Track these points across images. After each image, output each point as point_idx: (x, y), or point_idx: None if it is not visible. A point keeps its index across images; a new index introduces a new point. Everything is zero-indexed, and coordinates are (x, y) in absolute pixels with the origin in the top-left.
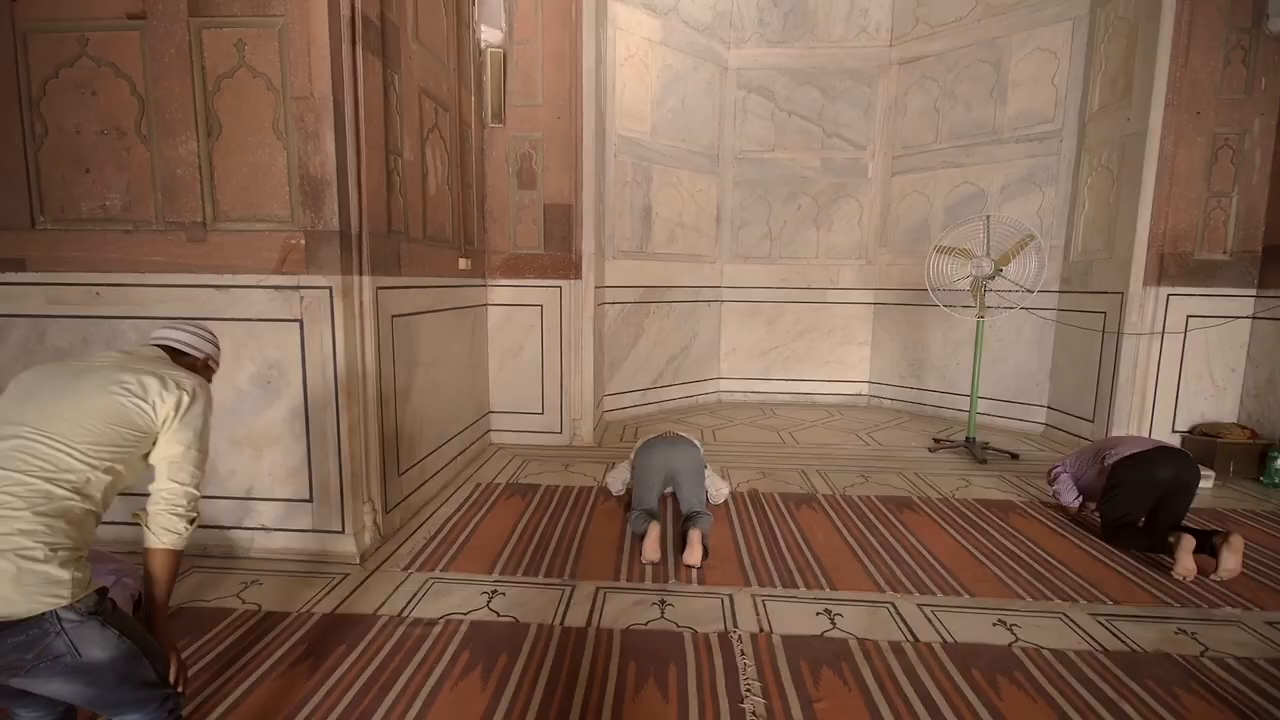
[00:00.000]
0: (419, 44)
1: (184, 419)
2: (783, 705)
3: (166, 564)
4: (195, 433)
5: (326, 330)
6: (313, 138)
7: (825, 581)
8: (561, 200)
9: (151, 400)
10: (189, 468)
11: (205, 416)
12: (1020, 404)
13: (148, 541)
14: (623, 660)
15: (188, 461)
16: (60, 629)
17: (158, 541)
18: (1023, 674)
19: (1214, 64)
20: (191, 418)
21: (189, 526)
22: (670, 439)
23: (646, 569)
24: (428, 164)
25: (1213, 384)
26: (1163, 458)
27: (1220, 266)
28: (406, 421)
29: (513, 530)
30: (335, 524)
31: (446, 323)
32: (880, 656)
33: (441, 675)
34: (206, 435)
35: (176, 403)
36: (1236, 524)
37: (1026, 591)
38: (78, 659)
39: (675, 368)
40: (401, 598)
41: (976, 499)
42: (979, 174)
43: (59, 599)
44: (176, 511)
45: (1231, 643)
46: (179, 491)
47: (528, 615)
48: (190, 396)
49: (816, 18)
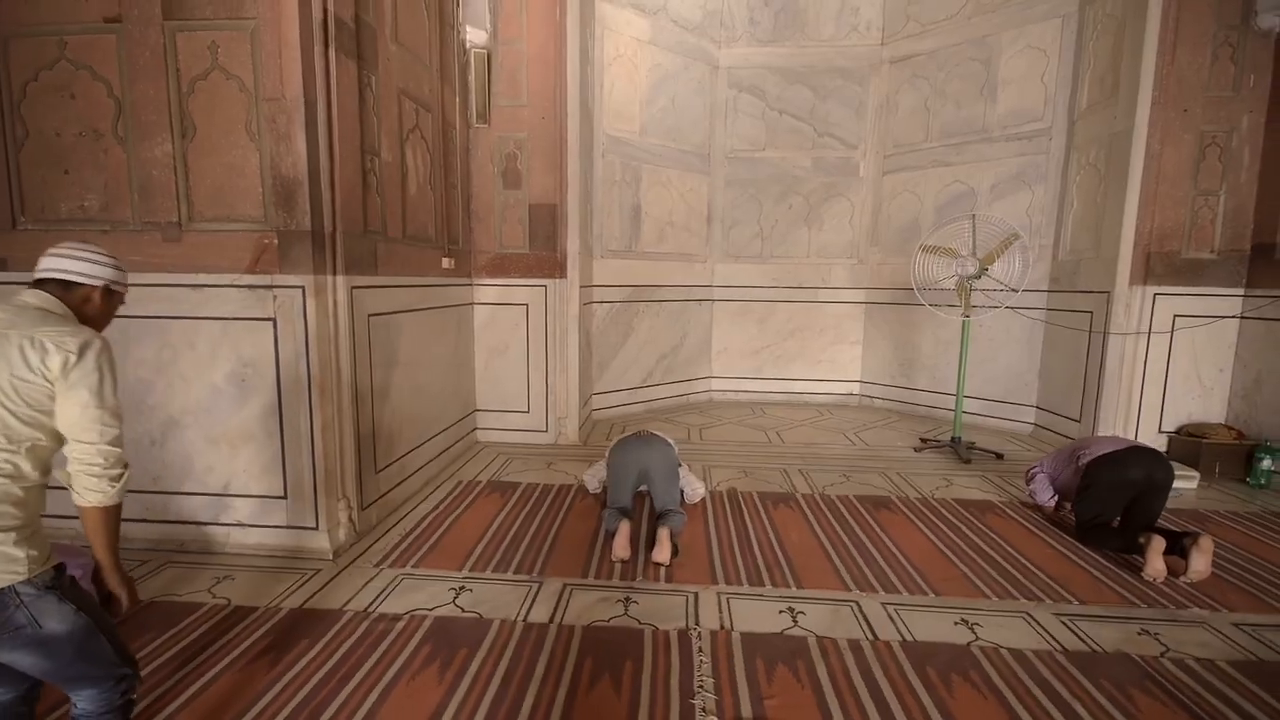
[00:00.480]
0: (398, 45)
1: (73, 380)
2: (733, 701)
3: (98, 520)
4: (91, 390)
5: (299, 329)
6: (284, 139)
7: (792, 580)
8: (546, 200)
9: (36, 369)
10: (95, 425)
11: (100, 370)
12: (1010, 404)
13: (74, 500)
14: (580, 656)
15: (90, 420)
16: (20, 602)
17: (82, 500)
18: (978, 673)
19: (1202, 61)
20: (81, 375)
21: (114, 483)
22: (644, 437)
23: (616, 567)
24: (408, 164)
25: (1200, 384)
26: (1135, 458)
27: (1208, 266)
28: (385, 419)
29: (488, 528)
30: (309, 520)
31: (428, 322)
32: (837, 654)
33: (400, 669)
34: (106, 387)
35: (62, 365)
36: (1217, 525)
37: (993, 591)
38: (38, 630)
39: (666, 366)
40: (370, 593)
41: (955, 499)
42: (969, 173)
43: (16, 575)
44: (93, 471)
45: (1194, 644)
46: (90, 451)
47: (492, 611)
48: (76, 355)
49: (807, 16)
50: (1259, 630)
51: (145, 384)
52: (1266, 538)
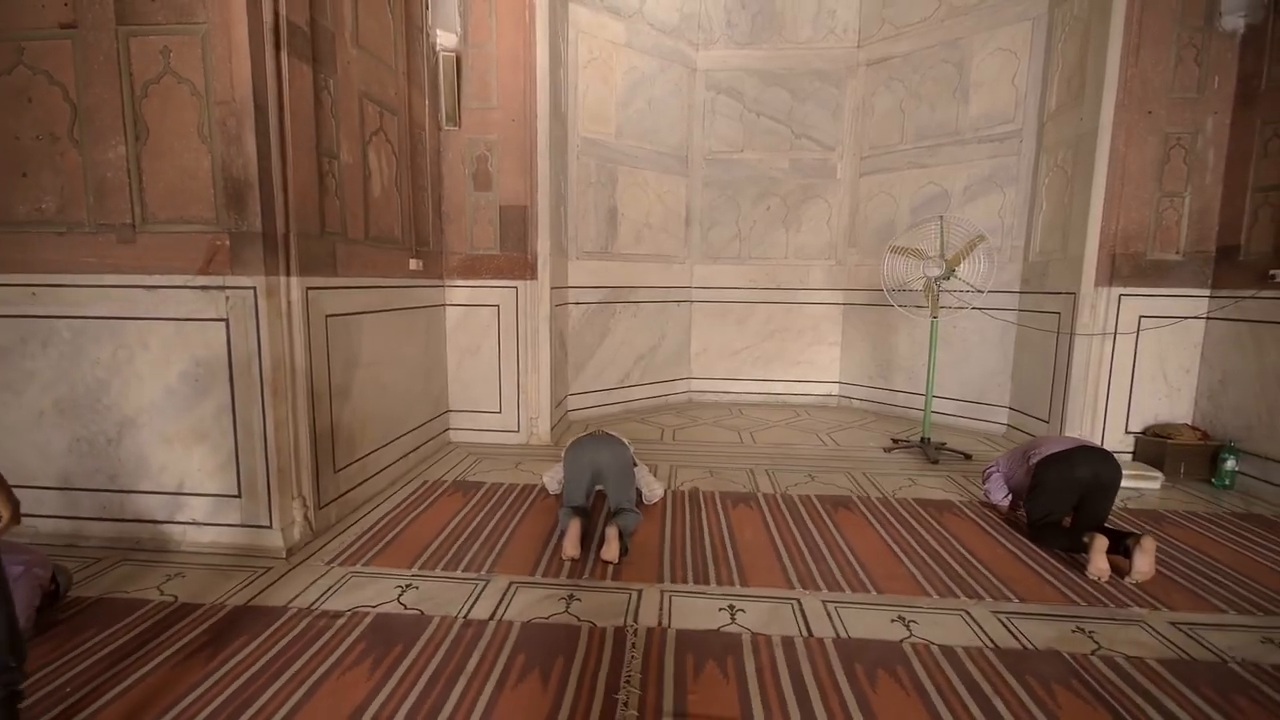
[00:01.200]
0: (359, 49)
1: None
2: (656, 696)
3: None
4: None
5: (251, 330)
6: (235, 141)
7: (738, 578)
8: (517, 202)
9: None
10: None
11: None
12: (983, 405)
13: None
14: (514, 653)
15: None
16: None
17: None
18: (905, 669)
19: (1165, 62)
20: None
21: None
22: (597, 437)
23: (565, 565)
24: (371, 166)
25: (1167, 385)
26: (1082, 457)
27: (1173, 267)
28: (345, 419)
29: (444, 527)
30: (263, 519)
31: (395, 322)
32: (768, 651)
33: (331, 666)
34: None
35: None
36: (1175, 525)
37: (935, 589)
38: None
39: (643, 367)
40: (315, 591)
41: (916, 499)
42: (943, 174)
43: None
44: None
45: (1127, 642)
46: None
47: (434, 609)
48: None
49: (784, 19)
50: (1196, 629)
51: (101, 384)
52: (1221, 538)
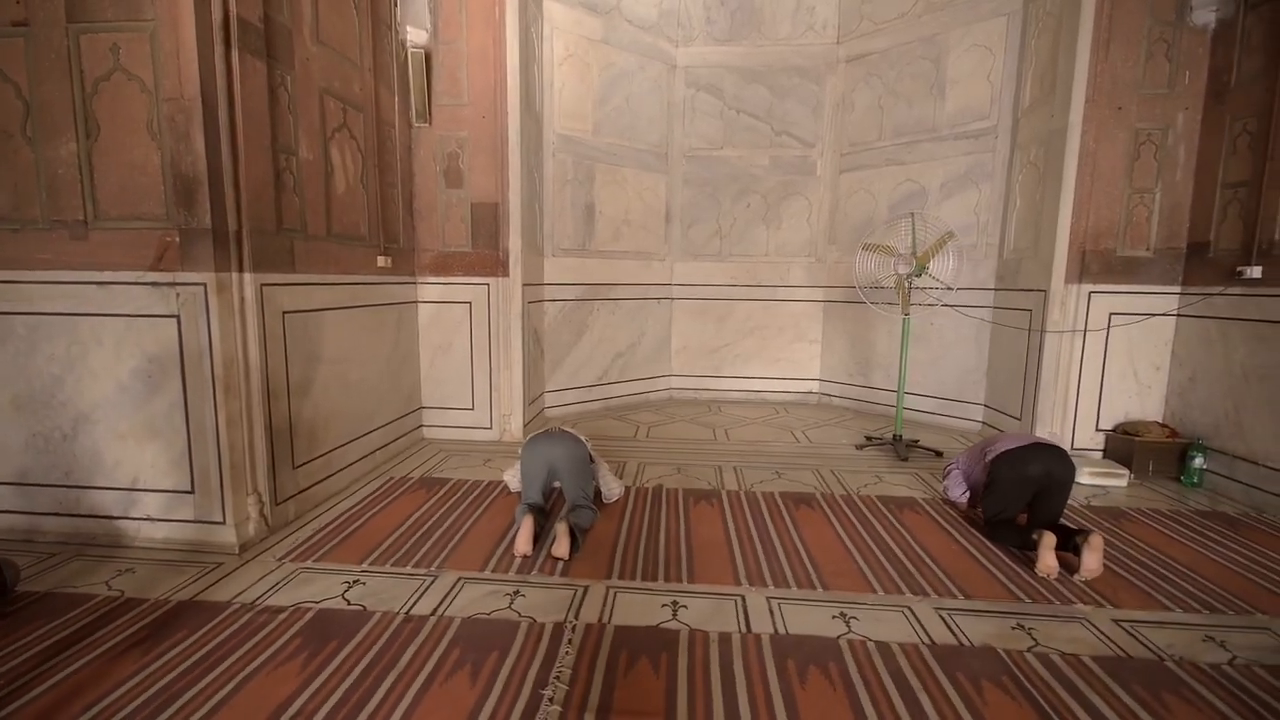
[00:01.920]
0: (320, 45)
1: None
2: (583, 691)
3: None
4: None
5: (203, 326)
6: (184, 138)
7: (686, 575)
8: (488, 199)
9: None
10: None
11: None
12: (959, 402)
13: None
14: (448, 648)
15: None
16: None
17: None
18: (837, 665)
19: (1135, 58)
20: None
21: None
22: (552, 434)
23: (516, 561)
24: (333, 163)
25: (1137, 382)
26: (1034, 454)
27: (1144, 264)
28: (306, 415)
29: (402, 523)
30: (216, 514)
31: (362, 319)
32: (703, 647)
33: (265, 661)
34: None
35: None
36: (1135, 523)
37: (883, 586)
38: None
39: (622, 365)
40: (263, 586)
41: (880, 496)
42: (920, 171)
43: None
44: None
45: (1065, 640)
46: None
47: (377, 604)
48: None
49: (763, 15)
50: (1137, 627)
51: (56, 380)
52: (1180, 536)
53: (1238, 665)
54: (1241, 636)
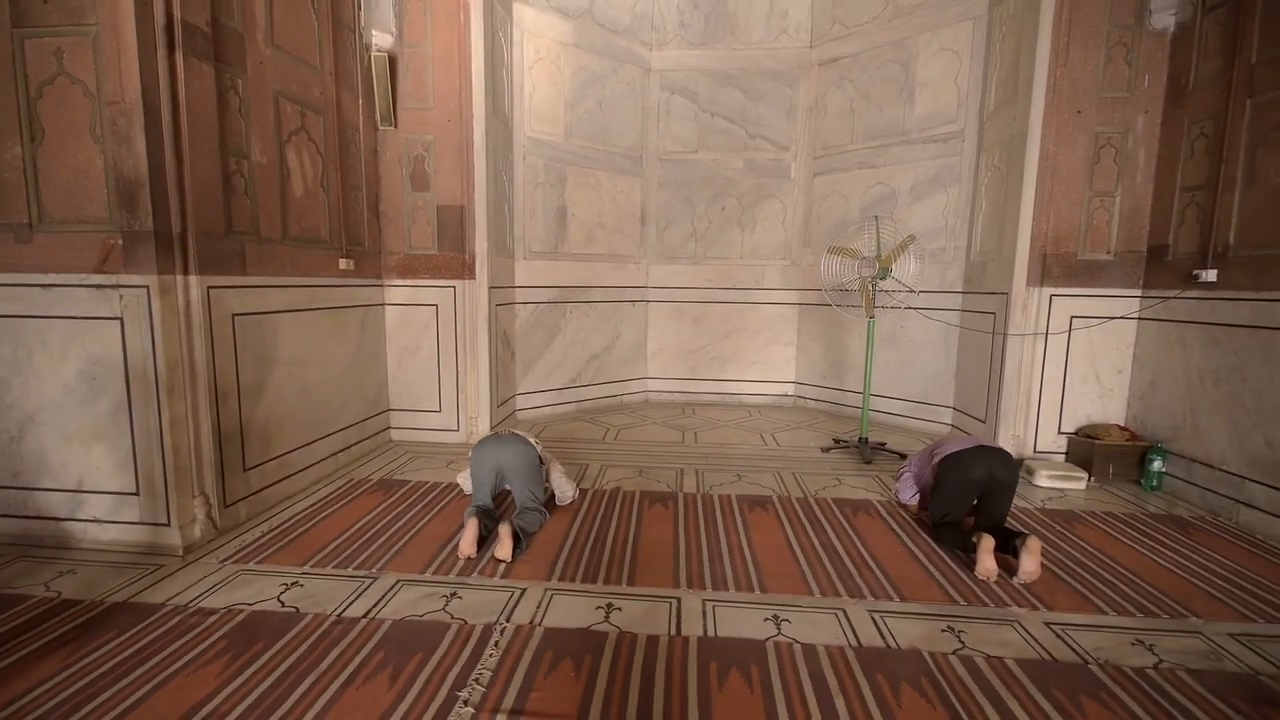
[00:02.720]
0: (275, 49)
1: None
2: (500, 694)
3: None
4: None
5: (145, 328)
6: (125, 141)
7: (626, 577)
8: (454, 202)
9: None
10: None
11: None
12: (928, 405)
13: None
14: (373, 650)
15: None
16: None
17: None
18: (759, 667)
19: (1094, 62)
20: None
21: None
22: (502, 437)
23: (459, 563)
24: (290, 166)
25: (1099, 385)
26: (977, 457)
27: (1105, 267)
28: (258, 417)
29: (352, 525)
30: (161, 516)
31: (322, 322)
32: (629, 649)
33: (187, 663)
34: None
35: None
36: (1085, 526)
37: (821, 588)
38: None
39: (597, 367)
40: (200, 588)
41: (836, 498)
42: (890, 174)
43: None
44: None
45: (993, 642)
46: None
47: (311, 606)
48: None
49: (737, 19)
50: (1068, 630)
51: (3, 381)
52: (1129, 539)
53: (1162, 669)
54: (1172, 640)
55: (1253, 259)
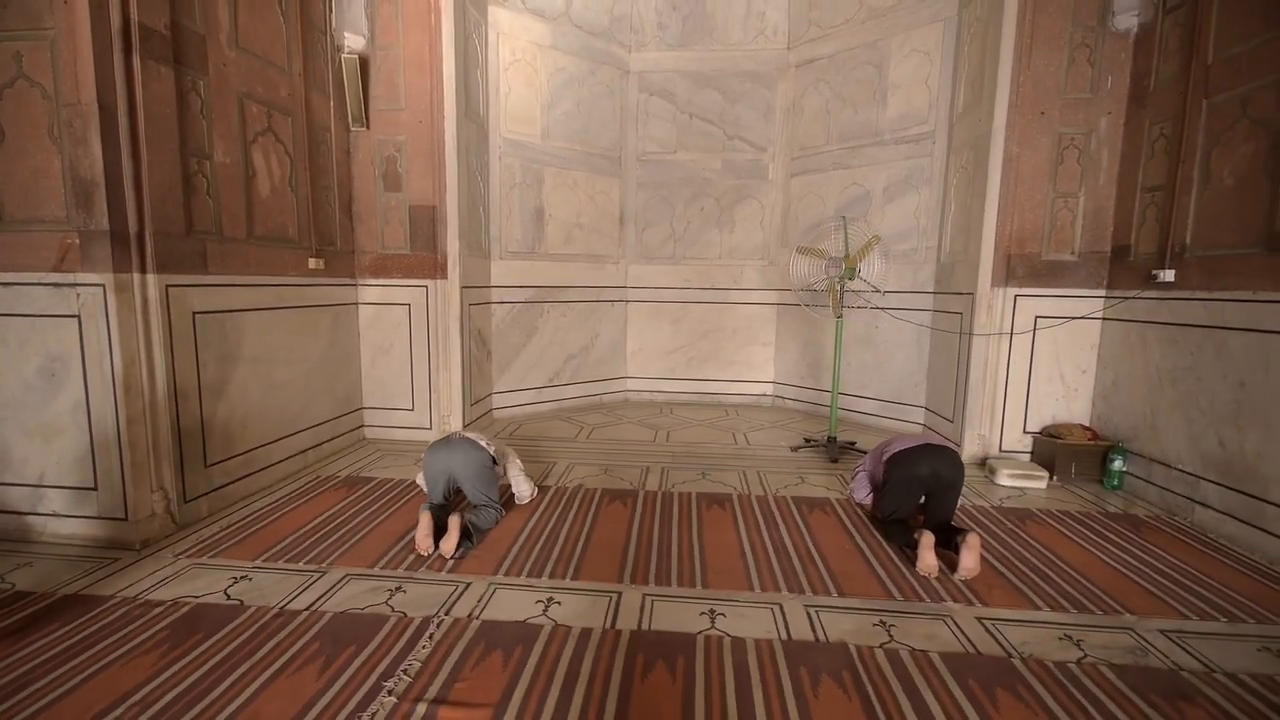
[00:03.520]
0: (240, 50)
1: None
2: (425, 684)
3: None
4: None
5: (102, 325)
6: (82, 142)
7: (572, 573)
8: (426, 202)
9: None
10: None
11: None
12: (901, 404)
13: None
14: (309, 642)
15: None
16: None
17: None
18: (685, 661)
19: (1058, 63)
20: None
21: None
22: (452, 442)
23: (407, 558)
24: (255, 166)
25: (1064, 385)
26: (923, 455)
27: (1068, 267)
28: (220, 414)
29: (311, 520)
30: (119, 511)
31: (290, 320)
32: (560, 641)
33: (125, 653)
34: None
35: None
36: (1037, 523)
37: (763, 584)
38: None
39: (575, 367)
40: (151, 581)
41: (796, 496)
42: (865, 175)
43: None
44: None
45: (921, 636)
46: None
47: (256, 599)
48: None
49: (715, 21)
50: (999, 625)
51: None
52: (1079, 537)
53: (1084, 664)
54: (1102, 636)
55: (1207, 259)
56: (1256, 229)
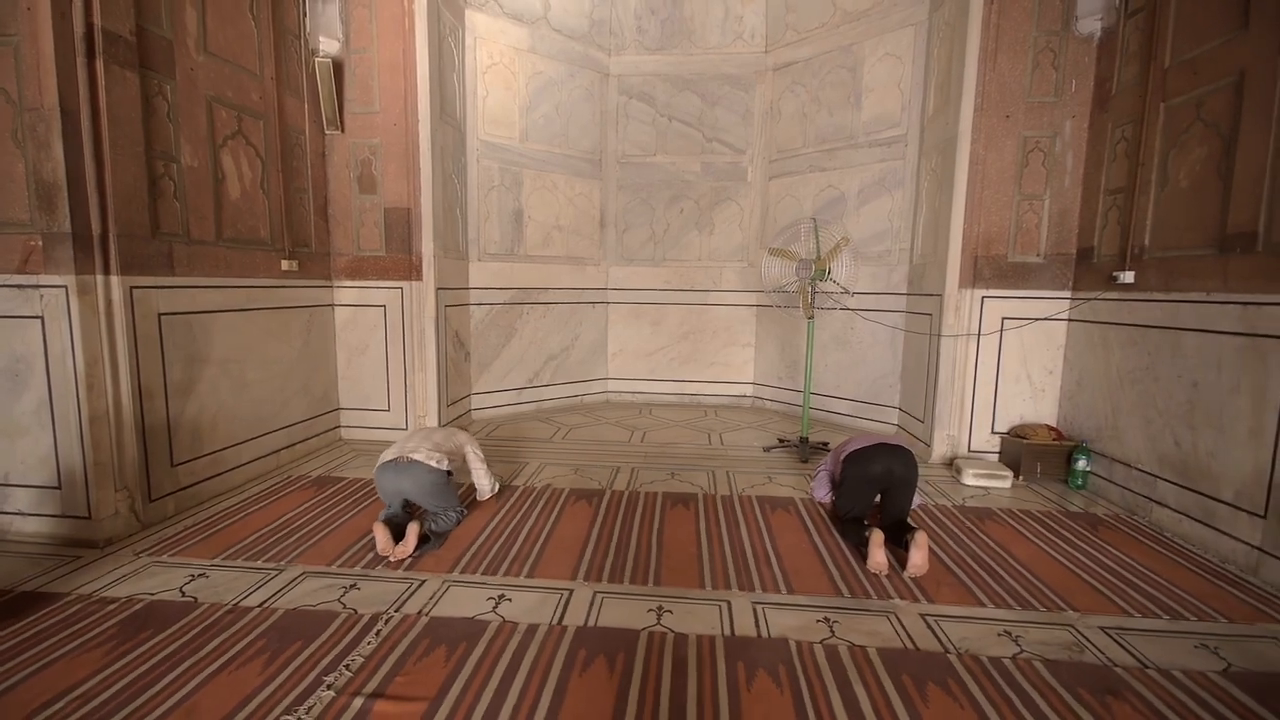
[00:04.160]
0: (208, 55)
1: None
2: (365, 679)
3: None
4: None
5: (65, 326)
6: (44, 146)
7: (527, 570)
8: (401, 204)
9: None
10: None
11: None
12: (876, 405)
13: None
14: (257, 638)
15: None
16: None
17: None
18: (625, 656)
19: (1022, 66)
20: None
21: None
22: (400, 465)
23: (366, 556)
24: (225, 169)
25: (1031, 386)
26: (876, 454)
27: (1034, 269)
28: (188, 415)
29: (277, 519)
30: (82, 510)
31: (262, 321)
32: (505, 637)
33: (73, 648)
34: None
35: None
36: (996, 523)
37: (715, 582)
38: None
39: (555, 368)
40: (110, 579)
41: (761, 496)
42: (840, 178)
43: None
44: None
45: (863, 632)
46: None
47: (210, 596)
48: None
49: (693, 25)
50: (941, 621)
51: None
52: (1036, 536)
53: (1019, 659)
54: (1041, 632)
55: (1164, 260)
56: (1209, 231)
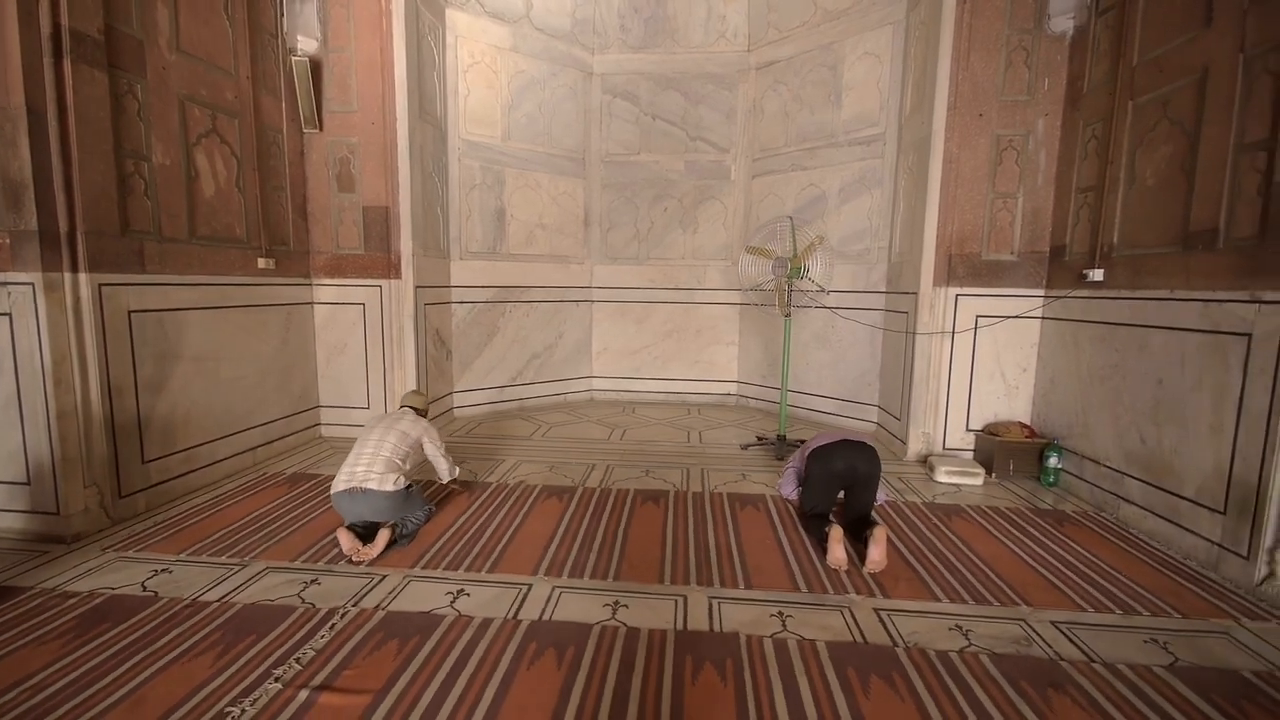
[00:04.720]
0: (181, 54)
1: None
2: (314, 672)
3: None
4: None
5: (32, 323)
6: (11, 145)
7: (490, 566)
8: (379, 203)
9: None
10: None
11: None
12: (857, 403)
13: None
14: (211, 632)
15: None
16: None
17: None
18: (576, 649)
19: (995, 65)
20: None
21: None
22: (354, 495)
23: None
24: (199, 167)
25: (1005, 384)
26: (839, 451)
27: (1008, 267)
28: (160, 411)
29: (246, 516)
30: (50, 505)
31: (238, 319)
32: (459, 630)
33: (31, 640)
34: None
35: None
36: (963, 519)
37: (674, 578)
38: None
39: (538, 366)
40: (74, 574)
41: (732, 493)
42: (821, 176)
43: None
44: None
45: (814, 626)
46: None
47: (172, 591)
48: None
49: (676, 24)
50: (894, 615)
51: None
52: (1001, 532)
53: (965, 653)
54: (991, 627)
55: (1132, 258)
56: (1174, 228)
